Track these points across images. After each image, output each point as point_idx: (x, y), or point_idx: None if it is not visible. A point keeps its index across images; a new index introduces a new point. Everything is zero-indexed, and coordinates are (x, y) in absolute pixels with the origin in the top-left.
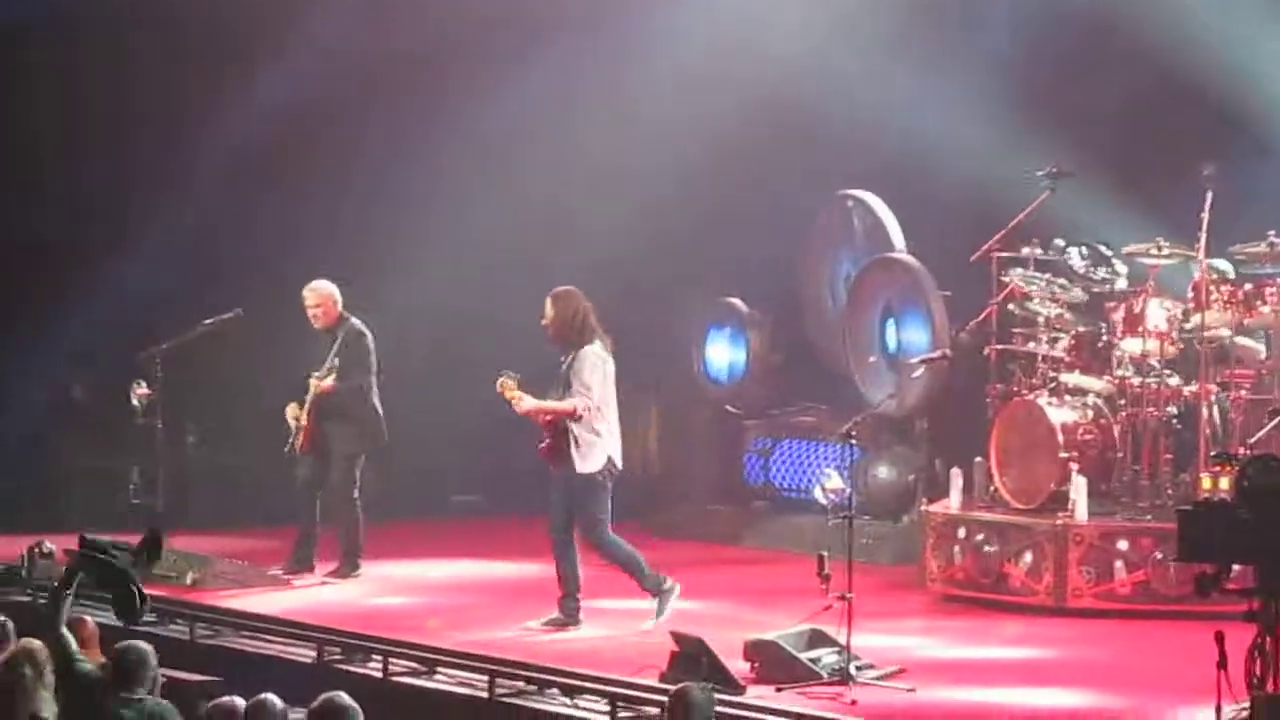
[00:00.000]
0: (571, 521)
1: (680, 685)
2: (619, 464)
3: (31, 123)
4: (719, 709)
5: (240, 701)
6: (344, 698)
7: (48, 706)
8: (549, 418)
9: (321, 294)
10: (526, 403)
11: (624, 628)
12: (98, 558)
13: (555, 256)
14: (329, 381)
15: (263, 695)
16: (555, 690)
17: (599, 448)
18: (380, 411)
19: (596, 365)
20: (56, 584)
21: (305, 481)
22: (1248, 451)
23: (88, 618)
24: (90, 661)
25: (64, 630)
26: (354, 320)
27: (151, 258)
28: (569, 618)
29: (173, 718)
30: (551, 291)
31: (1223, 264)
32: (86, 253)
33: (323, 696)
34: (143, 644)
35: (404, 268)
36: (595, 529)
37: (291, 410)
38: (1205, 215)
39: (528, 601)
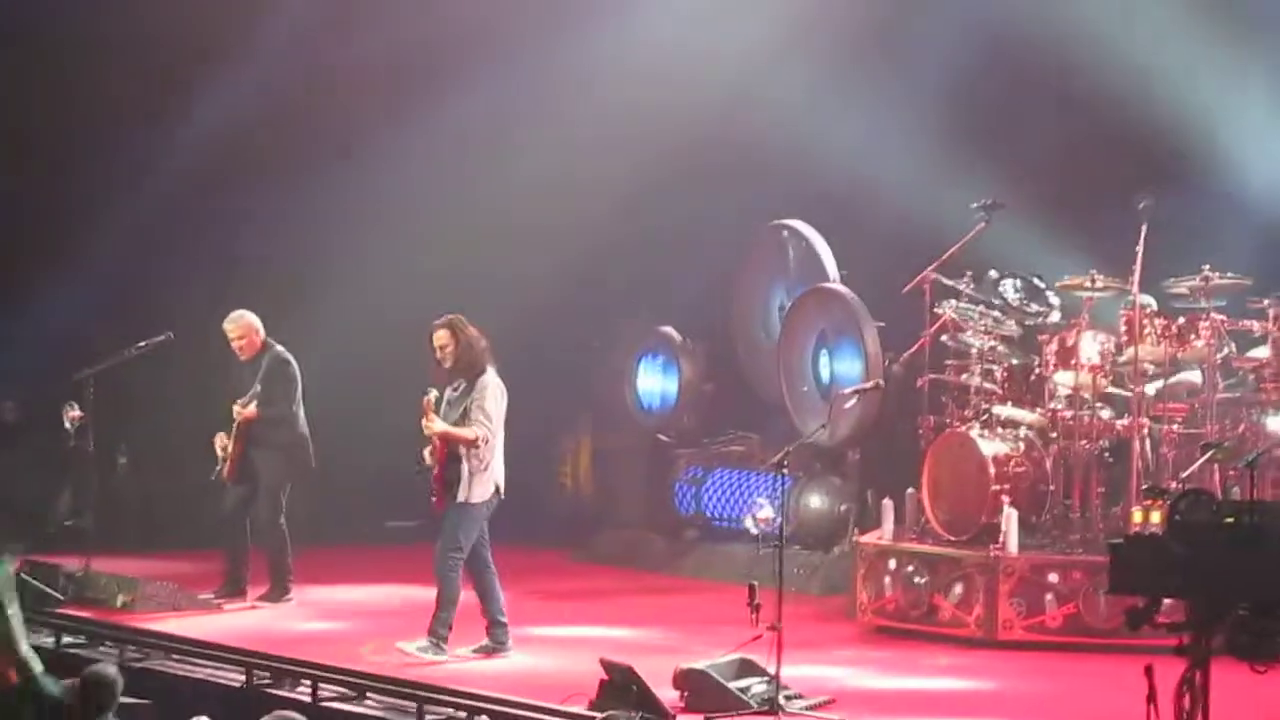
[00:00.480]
0: (485, 546)
1: (608, 714)
2: (503, 493)
3: None
4: None
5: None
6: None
7: None
8: (442, 445)
9: (242, 325)
10: (437, 425)
11: (553, 655)
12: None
13: (491, 278)
14: (252, 409)
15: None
16: (484, 718)
17: (487, 479)
18: (308, 438)
19: (497, 394)
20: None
21: (232, 508)
22: (1179, 486)
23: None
24: (55, 684)
25: (25, 650)
26: (278, 348)
27: (84, 278)
28: (498, 645)
29: None
30: (443, 320)
31: (1147, 299)
32: (19, 272)
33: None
34: (110, 668)
35: (343, 288)
36: (450, 557)
37: (220, 440)
38: (1139, 248)
39: (461, 628)
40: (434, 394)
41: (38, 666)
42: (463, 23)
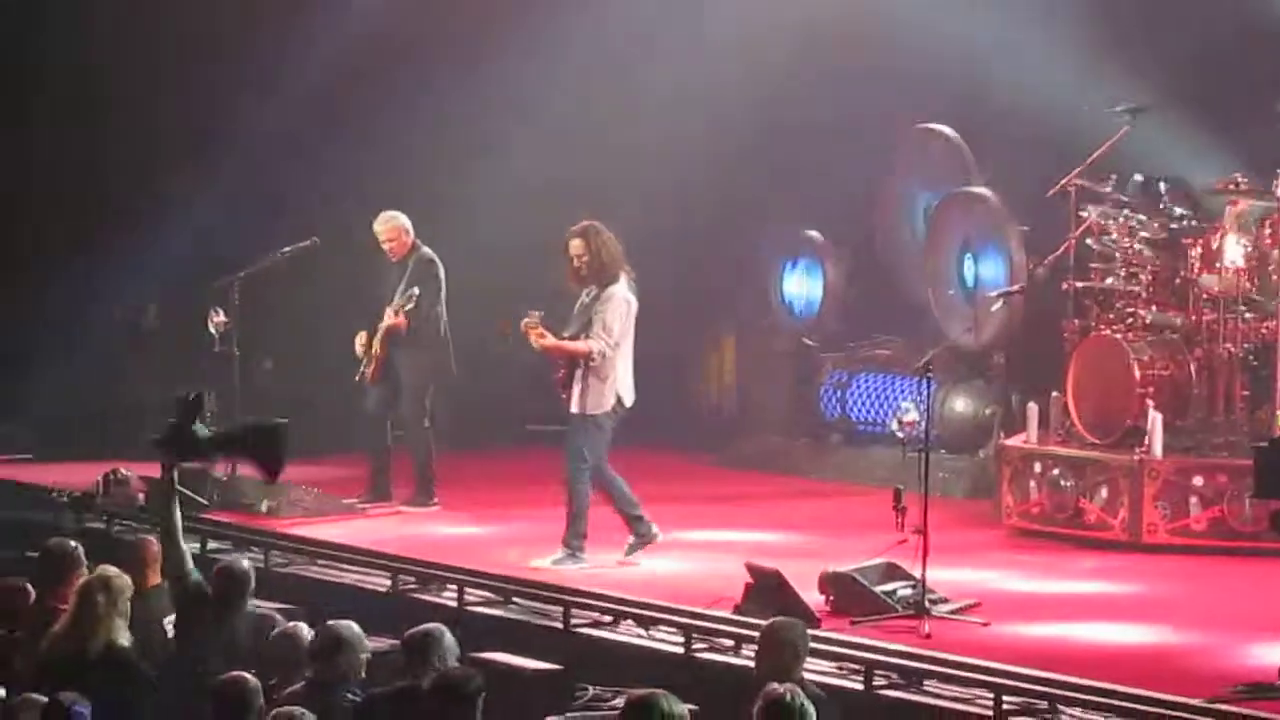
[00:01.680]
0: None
1: (774, 619)
2: (628, 403)
3: (101, 50)
4: None
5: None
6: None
7: (122, 634)
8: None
9: (394, 225)
10: (547, 340)
11: (698, 560)
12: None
13: (633, 186)
14: (403, 312)
15: (338, 622)
16: (630, 621)
17: (606, 390)
18: (449, 340)
19: (621, 307)
20: (159, 492)
21: (373, 410)
22: None
23: (152, 539)
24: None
25: (179, 540)
26: (425, 250)
27: (227, 181)
28: (642, 537)
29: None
30: (579, 228)
31: None
32: (161, 177)
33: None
34: (244, 562)
35: (475, 203)
36: (574, 469)
37: (361, 339)
38: None
39: (603, 533)
40: (537, 315)
41: (190, 568)
42: None
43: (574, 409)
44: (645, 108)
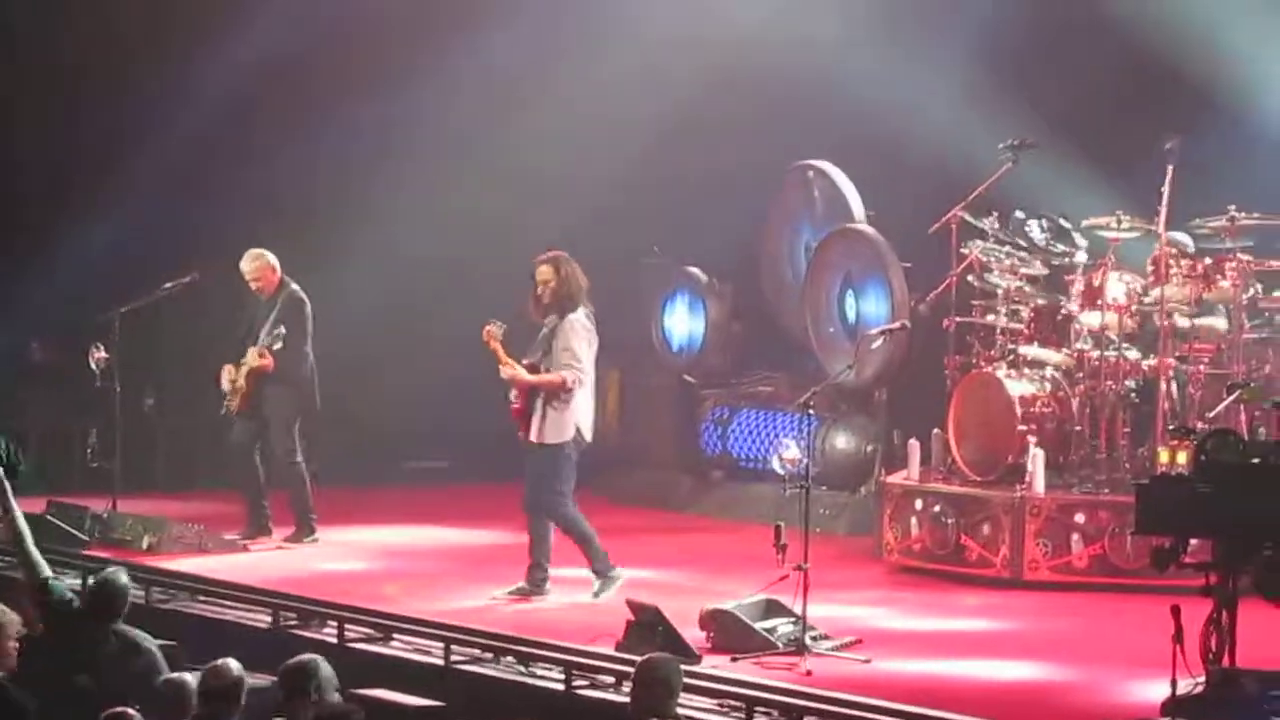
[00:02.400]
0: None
1: (647, 656)
2: (588, 436)
3: None
4: None
5: (190, 678)
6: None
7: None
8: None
9: (260, 263)
10: (517, 374)
11: (580, 596)
12: None
13: (518, 218)
14: (270, 352)
15: (220, 660)
16: (511, 658)
17: (567, 420)
18: (315, 378)
19: (584, 335)
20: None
21: (239, 442)
22: (1206, 426)
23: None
24: (65, 588)
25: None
26: (294, 287)
27: (112, 217)
28: (534, 588)
29: (147, 644)
30: (548, 255)
31: (1182, 237)
32: (47, 211)
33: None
34: (122, 574)
35: (366, 227)
36: (552, 500)
37: (227, 373)
38: (1165, 189)
39: (487, 569)
40: (500, 326)
41: (46, 570)
42: None
43: (533, 438)
44: (532, 142)
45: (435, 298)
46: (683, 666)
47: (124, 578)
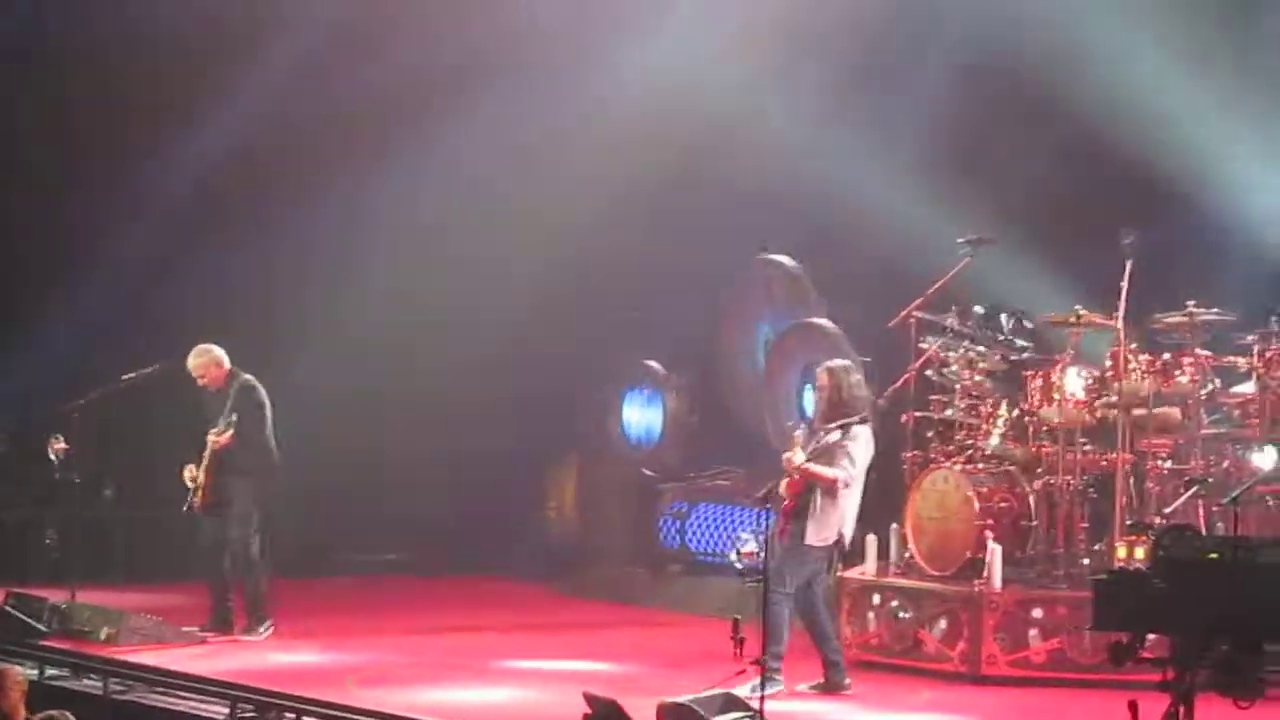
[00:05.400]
0: (818, 586)
1: None
2: (847, 538)
3: None
4: None
5: None
6: None
7: None
8: (799, 481)
9: (204, 358)
10: (797, 457)
11: (537, 689)
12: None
13: (477, 312)
14: (226, 436)
15: None
16: None
17: (833, 522)
18: (277, 465)
19: (866, 445)
20: None
21: (208, 540)
22: (1163, 521)
23: (13, 667)
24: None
25: None
26: (245, 376)
27: (73, 310)
28: (834, 684)
29: None
30: (827, 363)
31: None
32: (7, 304)
33: None
34: (67, 716)
35: (321, 319)
36: (773, 593)
37: (189, 472)
38: (1124, 284)
39: (443, 660)
40: (803, 428)
41: None
42: (442, 62)
43: (806, 541)
44: (490, 233)
45: (389, 389)
46: None
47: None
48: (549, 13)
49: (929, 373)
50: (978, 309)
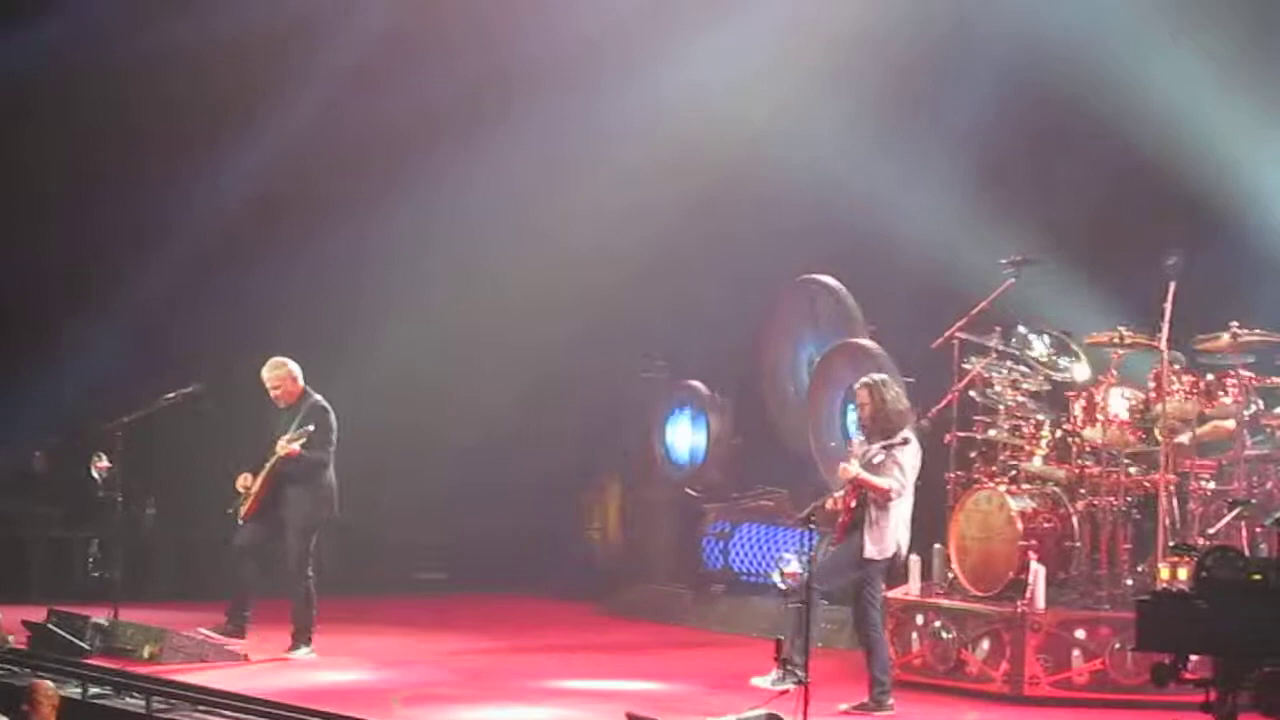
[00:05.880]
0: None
1: None
2: (904, 549)
3: None
4: None
5: None
6: None
7: None
8: (853, 492)
9: (281, 371)
10: (853, 468)
11: (581, 709)
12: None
13: (516, 331)
14: (298, 444)
15: None
16: None
17: (890, 533)
18: (335, 487)
19: (914, 455)
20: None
21: (242, 548)
22: (1206, 542)
23: (45, 681)
24: None
25: None
26: (317, 397)
27: (114, 330)
28: (876, 703)
29: None
30: (865, 379)
31: (1174, 354)
32: (49, 322)
33: None
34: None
35: (366, 342)
36: (876, 616)
37: (243, 480)
38: (1167, 305)
39: (488, 679)
40: (859, 440)
41: None
42: (470, 87)
43: (866, 555)
44: (533, 256)
45: (437, 412)
46: None
47: None
48: (580, 37)
49: (972, 393)
50: (1020, 329)
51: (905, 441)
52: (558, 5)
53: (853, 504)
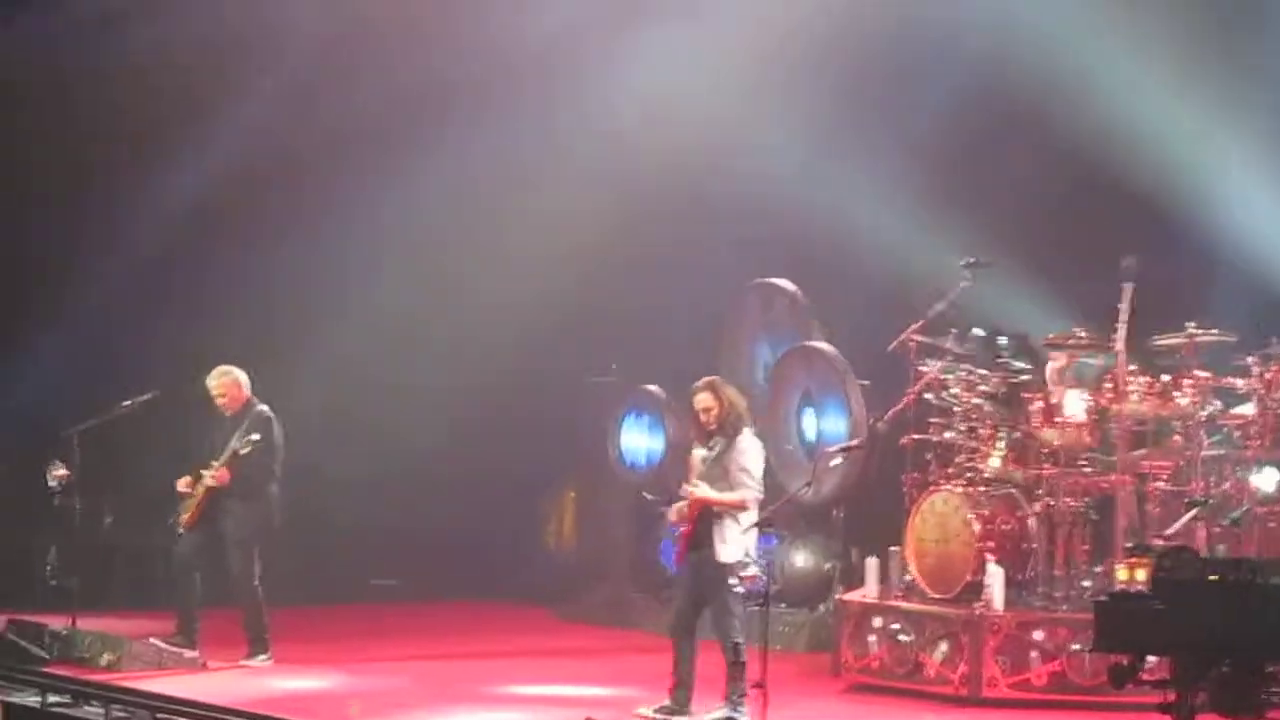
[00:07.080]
0: (697, 611)
1: None
2: (753, 553)
3: None
4: None
5: None
6: None
7: None
8: (696, 505)
9: (227, 379)
10: (700, 490)
11: (538, 714)
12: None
13: (470, 336)
14: (240, 455)
15: None
16: None
17: (742, 540)
18: (277, 499)
19: (756, 455)
20: None
21: (185, 560)
22: (1164, 543)
23: None
24: None
25: None
26: (262, 406)
27: (69, 336)
28: (679, 708)
29: None
30: (703, 382)
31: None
32: (3, 331)
33: None
34: None
35: (318, 351)
36: (728, 620)
37: (184, 482)
38: (1123, 306)
39: (446, 685)
40: (700, 454)
41: None
42: (439, 86)
43: (719, 559)
44: (488, 261)
45: (388, 416)
46: None
47: None
48: (544, 38)
49: (929, 395)
50: (976, 331)
51: (745, 440)
52: (511, 12)
53: (696, 517)
